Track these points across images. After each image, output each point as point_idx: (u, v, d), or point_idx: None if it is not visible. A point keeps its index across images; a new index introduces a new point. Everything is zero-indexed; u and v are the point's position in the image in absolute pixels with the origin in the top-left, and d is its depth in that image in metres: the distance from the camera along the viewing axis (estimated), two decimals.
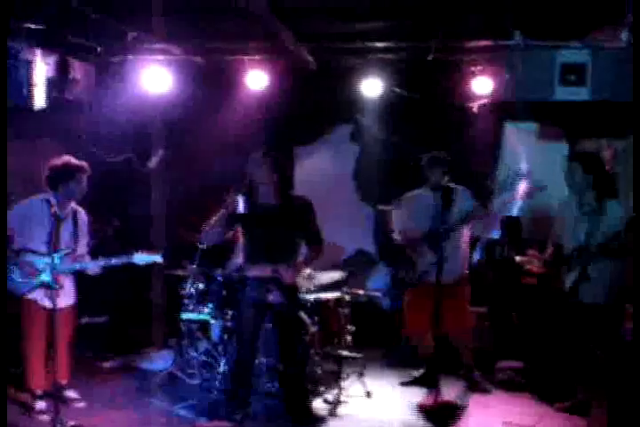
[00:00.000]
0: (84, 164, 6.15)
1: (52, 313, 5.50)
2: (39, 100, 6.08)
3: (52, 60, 6.47)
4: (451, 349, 6.77)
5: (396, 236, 6.93)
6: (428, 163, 6.70)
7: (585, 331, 5.80)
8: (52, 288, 5.58)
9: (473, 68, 7.59)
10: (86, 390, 6.45)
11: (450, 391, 6.45)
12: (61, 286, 5.80)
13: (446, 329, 6.20)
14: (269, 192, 5.55)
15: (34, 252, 5.88)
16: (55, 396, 5.63)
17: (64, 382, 6.17)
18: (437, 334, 6.36)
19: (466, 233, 6.73)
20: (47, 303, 5.70)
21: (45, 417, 5.65)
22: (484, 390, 6.76)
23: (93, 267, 6.10)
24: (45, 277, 5.82)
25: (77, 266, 6.06)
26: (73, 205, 6.15)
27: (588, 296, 5.76)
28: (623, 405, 5.15)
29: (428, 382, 6.75)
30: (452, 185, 6.36)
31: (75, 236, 6.11)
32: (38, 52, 6.20)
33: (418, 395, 6.66)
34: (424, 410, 6.23)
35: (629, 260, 5.66)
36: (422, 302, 6.46)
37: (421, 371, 7.00)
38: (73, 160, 6.12)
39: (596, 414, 5.65)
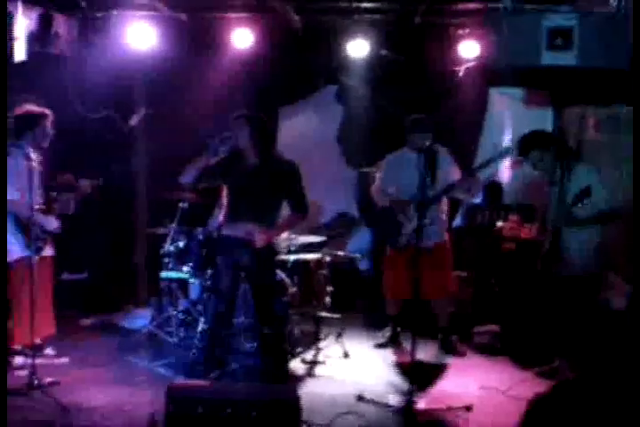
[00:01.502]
0: (45, 110, 6.14)
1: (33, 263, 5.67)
2: (19, 53, 6.01)
3: (34, 13, 6.38)
4: (428, 312, 6.80)
5: (381, 198, 6.90)
6: (411, 125, 6.66)
7: (562, 300, 5.83)
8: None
9: (460, 32, 7.53)
10: (65, 347, 6.47)
11: (427, 354, 6.51)
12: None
13: (427, 293, 6.21)
14: (251, 152, 5.52)
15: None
16: (34, 351, 5.67)
17: (51, 332, 6.28)
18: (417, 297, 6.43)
19: (446, 198, 6.73)
20: (29, 253, 5.77)
21: (23, 373, 5.64)
22: (460, 354, 6.82)
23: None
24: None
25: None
26: None
27: (565, 269, 5.77)
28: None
29: (396, 340, 6.94)
30: (435, 148, 6.29)
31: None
32: (20, 4, 6.10)
33: (394, 356, 6.75)
34: (400, 368, 6.36)
35: (606, 228, 5.70)
36: (404, 266, 6.51)
37: (389, 331, 7.07)
38: (34, 107, 6.10)
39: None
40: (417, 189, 6.23)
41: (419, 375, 5.75)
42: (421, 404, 5.41)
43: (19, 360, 6.01)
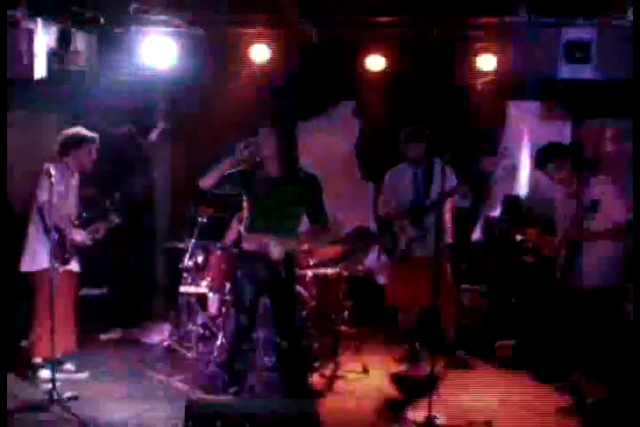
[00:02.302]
0: (94, 134, 6.31)
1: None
2: (40, 70, 6.05)
3: (53, 30, 6.43)
4: (436, 325, 6.77)
5: (380, 211, 7.04)
6: (406, 137, 6.73)
7: (581, 313, 5.78)
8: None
9: (478, 45, 7.53)
10: (84, 361, 6.47)
11: (433, 366, 6.45)
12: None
13: (427, 301, 6.25)
14: (274, 164, 5.49)
15: None
16: (55, 366, 5.71)
17: (72, 348, 6.31)
18: (422, 306, 6.61)
19: (447, 207, 6.72)
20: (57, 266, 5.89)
21: (45, 386, 5.65)
22: (465, 367, 6.82)
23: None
24: None
25: None
26: None
27: (583, 282, 5.72)
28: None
29: (413, 356, 6.90)
30: (432, 160, 6.61)
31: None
32: (39, 21, 6.15)
33: (412, 370, 6.71)
34: (397, 379, 6.45)
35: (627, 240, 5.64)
36: (404, 276, 6.71)
37: (406, 346, 7.06)
38: (84, 130, 6.27)
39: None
40: (410, 201, 6.35)
41: (415, 387, 5.76)
42: (441, 419, 5.38)
43: (44, 374, 6.01)
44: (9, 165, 6.12)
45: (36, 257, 6.02)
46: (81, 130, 6.27)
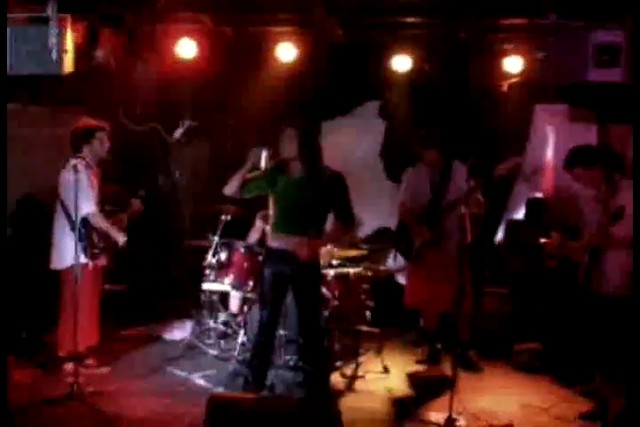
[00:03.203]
0: (102, 122, 6.26)
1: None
2: (68, 66, 6.08)
3: (82, 27, 6.47)
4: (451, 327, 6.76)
5: (402, 212, 7.01)
6: (419, 143, 6.72)
7: (603, 318, 5.74)
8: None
9: (505, 47, 7.50)
10: (106, 357, 6.51)
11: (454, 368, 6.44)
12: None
13: (445, 303, 6.25)
14: (298, 164, 5.50)
15: None
16: (77, 360, 5.76)
17: (93, 343, 6.33)
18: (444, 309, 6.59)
19: (464, 209, 6.69)
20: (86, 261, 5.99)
21: (69, 380, 5.68)
22: (477, 370, 6.79)
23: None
24: None
25: None
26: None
27: (606, 288, 5.67)
28: None
29: (433, 358, 6.92)
30: (450, 163, 6.64)
31: None
32: (69, 18, 6.19)
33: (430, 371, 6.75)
34: (417, 380, 6.48)
35: None
36: (422, 277, 6.73)
37: (427, 348, 7.05)
38: (91, 120, 6.23)
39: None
40: (426, 202, 6.46)
41: (430, 388, 5.89)
42: (462, 421, 5.38)
43: (67, 368, 6.05)
44: (34, 161, 6.16)
45: (63, 254, 6.05)
46: (87, 121, 6.22)
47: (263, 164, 5.53)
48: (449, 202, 6.53)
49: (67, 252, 5.98)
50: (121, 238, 6.22)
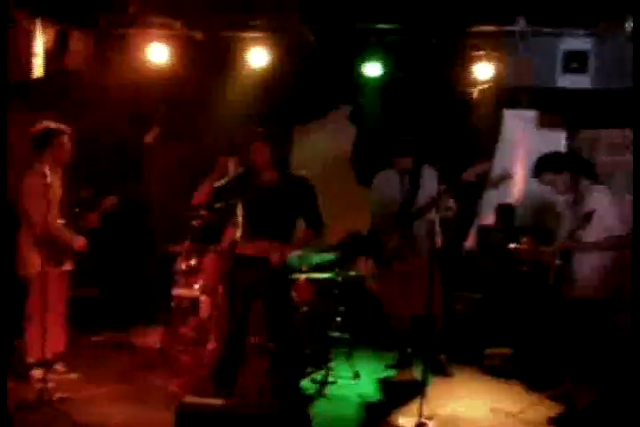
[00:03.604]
0: (62, 126, 6.12)
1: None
2: (38, 70, 6.06)
3: (51, 30, 6.44)
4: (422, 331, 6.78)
5: (370, 218, 7.02)
6: (396, 147, 6.74)
7: (573, 322, 5.78)
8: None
9: (475, 53, 7.54)
10: (75, 363, 6.44)
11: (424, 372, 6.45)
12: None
13: (416, 307, 6.28)
14: (267, 171, 5.51)
15: None
16: (46, 366, 5.70)
17: (61, 349, 6.26)
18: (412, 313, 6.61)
19: (435, 213, 6.74)
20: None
21: (38, 386, 5.62)
22: (447, 374, 6.83)
23: None
24: None
25: None
26: None
27: (576, 291, 5.71)
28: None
29: (403, 362, 6.92)
30: (419, 170, 6.65)
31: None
32: (38, 21, 6.16)
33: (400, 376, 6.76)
34: (387, 385, 6.50)
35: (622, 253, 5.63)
36: (393, 281, 6.71)
37: (398, 352, 7.06)
38: (51, 124, 6.09)
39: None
40: (399, 204, 6.51)
41: (401, 392, 5.92)
42: (431, 425, 5.39)
43: (36, 374, 5.98)
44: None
45: (29, 260, 5.99)
46: (47, 124, 6.07)
47: (231, 172, 5.52)
48: (419, 207, 6.55)
49: (32, 258, 5.94)
50: (76, 242, 6.13)
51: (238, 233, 5.64)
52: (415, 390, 5.86)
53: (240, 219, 5.61)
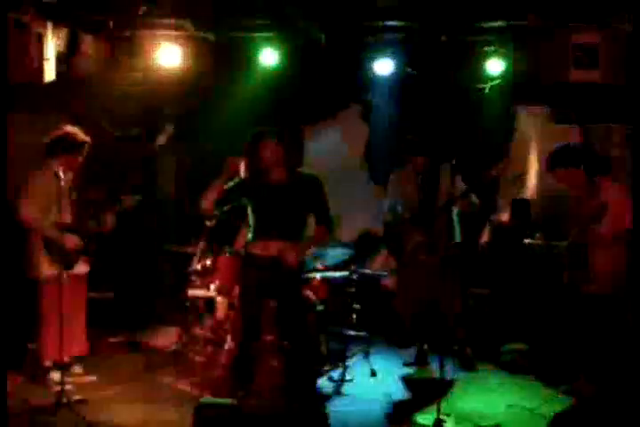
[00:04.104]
0: (87, 138, 6.12)
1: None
2: (49, 74, 6.07)
3: (62, 33, 6.46)
4: (445, 326, 6.78)
5: (386, 216, 7.05)
6: (406, 150, 6.75)
7: (588, 318, 5.76)
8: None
9: (486, 49, 7.52)
10: (92, 364, 6.48)
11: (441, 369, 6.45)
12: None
13: (415, 306, 6.31)
14: (277, 169, 5.50)
15: None
16: (64, 369, 5.71)
17: (82, 351, 6.32)
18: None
19: (456, 210, 6.75)
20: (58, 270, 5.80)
21: (55, 389, 5.64)
22: (472, 368, 6.85)
23: None
24: None
25: None
26: None
27: (591, 287, 5.68)
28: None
29: (421, 359, 6.94)
30: (437, 168, 6.67)
31: None
32: (49, 25, 6.18)
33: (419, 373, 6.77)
34: (406, 383, 6.48)
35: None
36: (412, 280, 6.75)
37: (414, 349, 7.06)
38: (78, 132, 6.09)
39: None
40: (416, 205, 6.58)
41: (426, 390, 5.91)
42: (449, 422, 5.38)
43: (54, 377, 5.99)
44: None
45: (38, 264, 5.99)
46: (76, 133, 6.07)
47: (241, 173, 5.51)
48: (442, 204, 6.53)
49: (41, 262, 5.96)
50: (68, 242, 6.07)
51: (250, 233, 5.64)
52: (438, 388, 5.86)
53: (251, 218, 5.60)
